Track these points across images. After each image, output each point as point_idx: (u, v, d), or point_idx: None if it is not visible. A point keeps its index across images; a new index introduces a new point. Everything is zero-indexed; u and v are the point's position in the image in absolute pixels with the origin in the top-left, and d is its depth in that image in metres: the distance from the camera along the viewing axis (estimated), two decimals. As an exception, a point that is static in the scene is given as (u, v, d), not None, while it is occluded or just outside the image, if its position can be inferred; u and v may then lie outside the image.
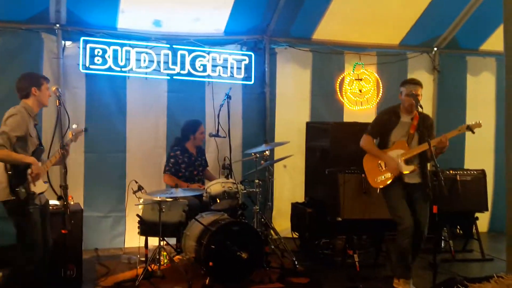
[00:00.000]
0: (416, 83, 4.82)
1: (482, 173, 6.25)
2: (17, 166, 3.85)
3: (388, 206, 4.79)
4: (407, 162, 4.69)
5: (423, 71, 7.53)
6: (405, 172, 4.68)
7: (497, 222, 7.32)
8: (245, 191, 5.54)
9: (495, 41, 7.23)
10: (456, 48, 7.56)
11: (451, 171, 6.14)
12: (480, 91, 7.60)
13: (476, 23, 7.08)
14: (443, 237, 6.39)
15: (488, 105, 7.61)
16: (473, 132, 4.66)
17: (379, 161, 4.81)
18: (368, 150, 4.91)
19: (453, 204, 5.86)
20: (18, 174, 3.84)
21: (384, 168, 4.78)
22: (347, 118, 7.12)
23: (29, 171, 3.89)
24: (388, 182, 4.73)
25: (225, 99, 5.90)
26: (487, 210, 6.28)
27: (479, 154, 7.51)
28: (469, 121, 4.74)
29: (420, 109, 4.64)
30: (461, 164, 7.39)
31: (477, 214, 6.21)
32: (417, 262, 4.97)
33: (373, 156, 4.89)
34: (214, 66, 6.63)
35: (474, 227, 6.24)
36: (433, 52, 7.57)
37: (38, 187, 3.99)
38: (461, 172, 6.20)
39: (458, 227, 6.81)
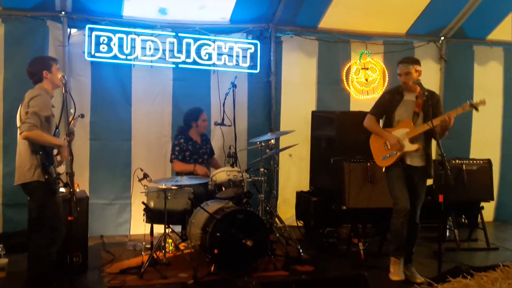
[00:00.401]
0: (406, 62, 4.80)
1: (488, 162, 6.22)
2: (45, 147, 3.88)
3: (387, 185, 4.85)
4: (412, 141, 4.69)
5: (430, 60, 7.49)
6: (409, 150, 4.68)
7: (502, 212, 7.33)
8: (250, 179, 5.54)
9: (502, 31, 7.17)
10: (463, 37, 7.50)
11: (457, 161, 6.12)
12: (487, 81, 7.54)
13: (484, 13, 7.00)
14: (448, 226, 6.40)
15: (495, 94, 7.56)
16: (477, 110, 4.61)
17: (385, 140, 4.82)
18: (371, 129, 4.93)
19: (458, 193, 5.84)
20: (47, 155, 3.89)
21: (389, 147, 4.78)
22: (353, 107, 7.09)
23: (54, 151, 3.96)
24: (393, 161, 4.73)
25: (230, 88, 5.87)
26: (492, 199, 6.26)
27: (485, 143, 7.49)
28: (476, 111, 4.71)
29: (424, 92, 4.62)
30: (467, 153, 7.36)
31: (482, 204, 6.19)
32: (422, 251, 4.99)
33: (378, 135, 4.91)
34: (219, 54, 6.61)
35: (479, 217, 6.22)
36: (440, 42, 7.52)
37: (59, 169, 4.07)
38: (467, 161, 6.18)
39: (463, 216, 6.80)
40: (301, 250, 5.45)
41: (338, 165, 5.62)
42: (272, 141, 5.76)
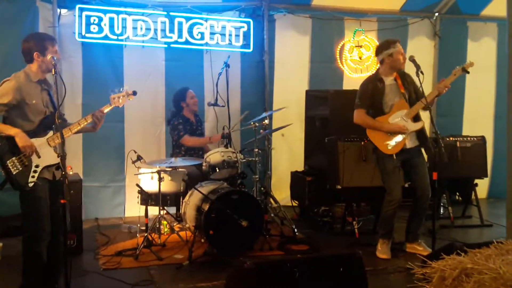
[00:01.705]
0: (399, 42, 4.84)
1: (482, 139, 6.23)
2: (6, 138, 3.55)
3: (381, 174, 4.87)
4: (414, 119, 4.74)
5: (424, 37, 7.45)
6: (415, 129, 4.73)
7: (496, 189, 7.36)
8: (244, 160, 5.53)
9: (496, 6, 7.10)
10: (457, 13, 7.44)
11: (451, 138, 6.12)
12: (481, 57, 7.45)
13: (478, -12, 6.97)
14: (442, 204, 6.43)
15: (488, 70, 7.52)
16: (468, 72, 4.72)
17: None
18: (365, 125, 4.84)
19: (452, 170, 5.87)
20: (13, 146, 3.53)
21: (394, 133, 4.76)
22: (346, 86, 7.05)
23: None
24: (402, 145, 4.73)
25: (223, 68, 5.83)
26: (486, 176, 6.29)
27: (477, 120, 7.50)
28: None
29: (421, 75, 4.59)
30: (459, 130, 7.37)
31: (476, 181, 6.22)
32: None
33: None
34: (212, 33, 6.53)
35: (473, 194, 6.26)
36: (434, 18, 7.45)
37: (46, 158, 3.64)
38: (461, 138, 6.18)
39: (458, 193, 6.84)
40: (296, 230, 5.47)
41: (332, 144, 5.60)
42: (266, 121, 5.73)
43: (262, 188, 5.66)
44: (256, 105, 6.72)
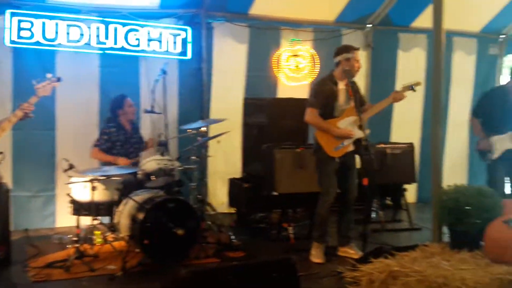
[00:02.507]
0: (357, 50, 5.03)
1: (411, 146, 6.50)
2: None
3: (320, 175, 4.97)
4: (360, 127, 4.88)
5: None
6: (361, 136, 4.84)
7: (423, 193, 7.63)
8: (181, 168, 5.50)
9: (426, 18, 7.36)
10: (389, 25, 7.71)
11: (381, 145, 6.35)
12: (411, 66, 7.76)
13: (408, 0, 7.23)
14: (373, 208, 6.63)
15: (417, 79, 7.80)
16: (414, 90, 5.11)
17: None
18: (316, 125, 4.94)
19: (383, 176, 6.04)
20: None
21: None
22: (281, 94, 7.17)
23: None
24: (346, 150, 4.87)
25: (160, 75, 5.79)
26: (414, 182, 6.57)
27: (405, 127, 7.77)
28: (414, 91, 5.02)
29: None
30: (387, 137, 7.64)
31: (405, 186, 6.47)
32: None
33: None
34: (149, 40, 6.48)
35: (403, 198, 6.50)
36: (367, 29, 7.71)
37: None
38: (390, 145, 6.43)
39: (388, 198, 7.08)
40: (232, 237, 5.49)
41: (268, 151, 5.68)
42: (203, 128, 5.73)
43: (199, 196, 5.64)
44: (194, 112, 6.70)
